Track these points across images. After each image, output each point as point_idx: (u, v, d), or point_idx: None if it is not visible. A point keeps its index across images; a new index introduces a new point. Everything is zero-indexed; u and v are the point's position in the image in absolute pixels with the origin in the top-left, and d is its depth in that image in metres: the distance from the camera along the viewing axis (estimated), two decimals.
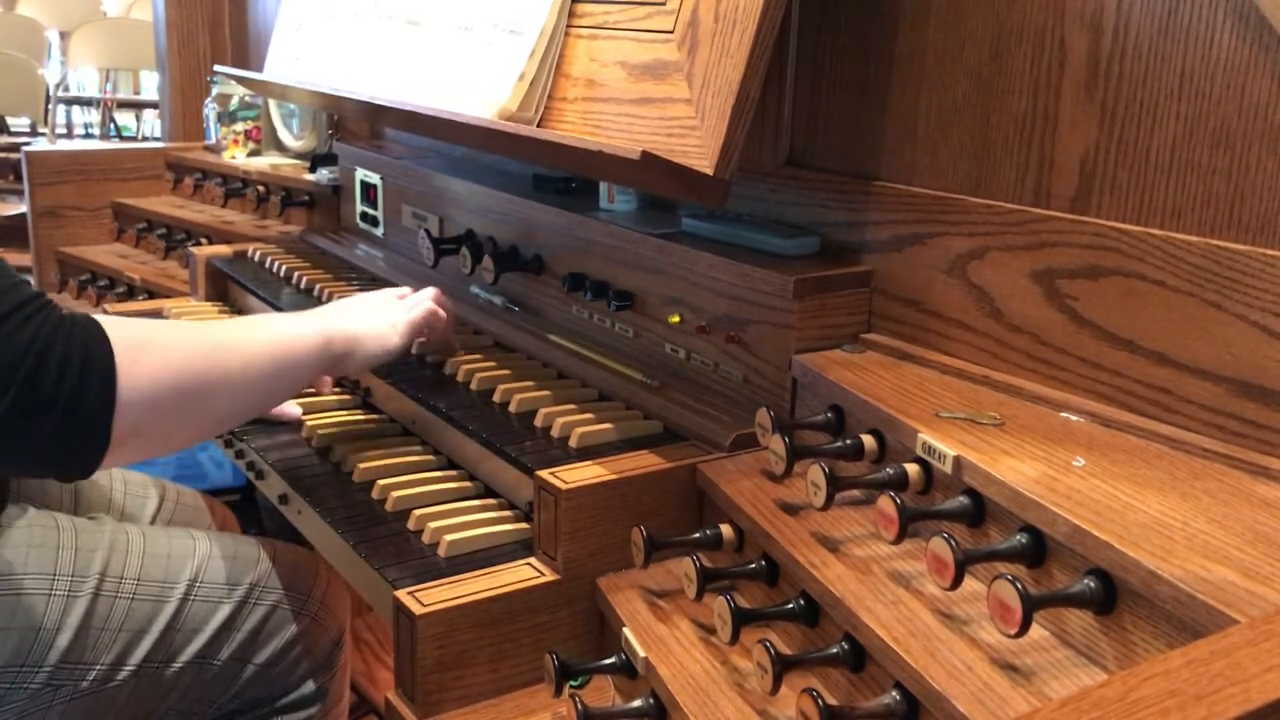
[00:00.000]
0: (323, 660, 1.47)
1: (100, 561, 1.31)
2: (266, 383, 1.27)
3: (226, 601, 1.37)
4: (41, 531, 1.29)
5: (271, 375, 1.27)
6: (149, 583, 1.34)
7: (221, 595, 1.37)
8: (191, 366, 1.15)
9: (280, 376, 1.30)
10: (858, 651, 0.99)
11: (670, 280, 1.51)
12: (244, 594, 1.39)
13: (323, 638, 1.46)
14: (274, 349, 1.27)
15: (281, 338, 1.30)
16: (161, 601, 1.33)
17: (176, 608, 1.34)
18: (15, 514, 1.30)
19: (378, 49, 1.74)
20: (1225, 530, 0.92)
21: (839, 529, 1.14)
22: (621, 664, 1.15)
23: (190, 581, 1.36)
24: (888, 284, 1.39)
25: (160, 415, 1.12)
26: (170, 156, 3.03)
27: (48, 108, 5.71)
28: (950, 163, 1.32)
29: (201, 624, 1.35)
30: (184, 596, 1.35)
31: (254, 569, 1.41)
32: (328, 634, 1.47)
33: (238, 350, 1.22)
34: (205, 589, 1.37)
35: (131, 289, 2.68)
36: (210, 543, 1.42)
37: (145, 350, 1.09)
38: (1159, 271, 1.12)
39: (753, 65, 1.19)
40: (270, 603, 1.41)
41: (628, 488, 1.26)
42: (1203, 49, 1.07)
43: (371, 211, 2.21)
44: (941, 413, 1.17)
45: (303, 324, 1.35)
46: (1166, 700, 0.64)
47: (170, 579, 1.35)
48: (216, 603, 1.37)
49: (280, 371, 1.29)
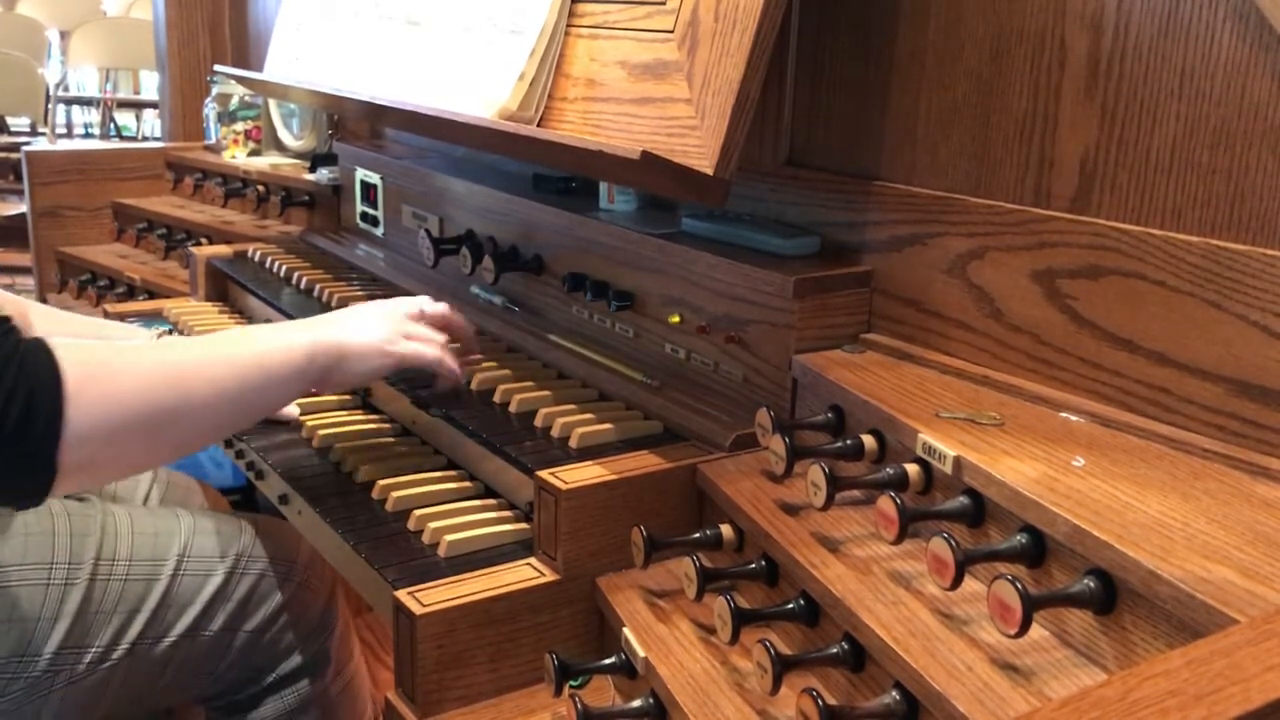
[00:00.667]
0: (315, 622, 1.48)
1: (94, 546, 1.32)
2: (236, 406, 1.20)
3: (215, 574, 1.39)
4: (36, 518, 1.30)
5: (243, 397, 1.20)
6: (140, 562, 1.35)
7: (210, 568, 1.39)
8: (148, 396, 1.09)
9: (255, 396, 1.22)
10: (858, 651, 0.99)
11: (670, 280, 1.51)
12: (231, 564, 1.40)
13: (312, 601, 1.48)
14: (247, 370, 1.20)
15: (258, 357, 1.22)
16: (153, 579, 1.35)
17: (167, 584, 1.35)
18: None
19: (378, 49, 1.74)
20: (1225, 530, 0.92)
21: (839, 529, 1.14)
22: (621, 664, 1.15)
23: (179, 557, 1.37)
24: (888, 284, 1.39)
25: (114, 445, 1.07)
26: (170, 156, 3.03)
27: (48, 107, 5.71)
28: (950, 163, 1.32)
29: (193, 597, 1.37)
30: (174, 572, 1.36)
31: (238, 540, 1.43)
32: (316, 596, 1.49)
33: (204, 374, 1.16)
34: (193, 563, 1.38)
35: (131, 289, 2.68)
36: (194, 518, 1.43)
37: (96, 381, 1.04)
38: (1159, 271, 1.12)
39: (753, 65, 1.19)
40: (257, 571, 1.42)
41: (628, 488, 1.26)
42: (1203, 49, 1.07)
43: (371, 211, 2.21)
44: (941, 413, 1.17)
45: (287, 339, 1.27)
46: (1166, 700, 0.64)
47: (159, 556, 1.36)
48: (205, 575, 1.38)
49: (255, 391, 1.21)
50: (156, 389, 1.10)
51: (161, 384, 1.10)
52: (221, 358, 1.18)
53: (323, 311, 1.86)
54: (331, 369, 1.29)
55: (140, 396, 1.08)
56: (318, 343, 1.27)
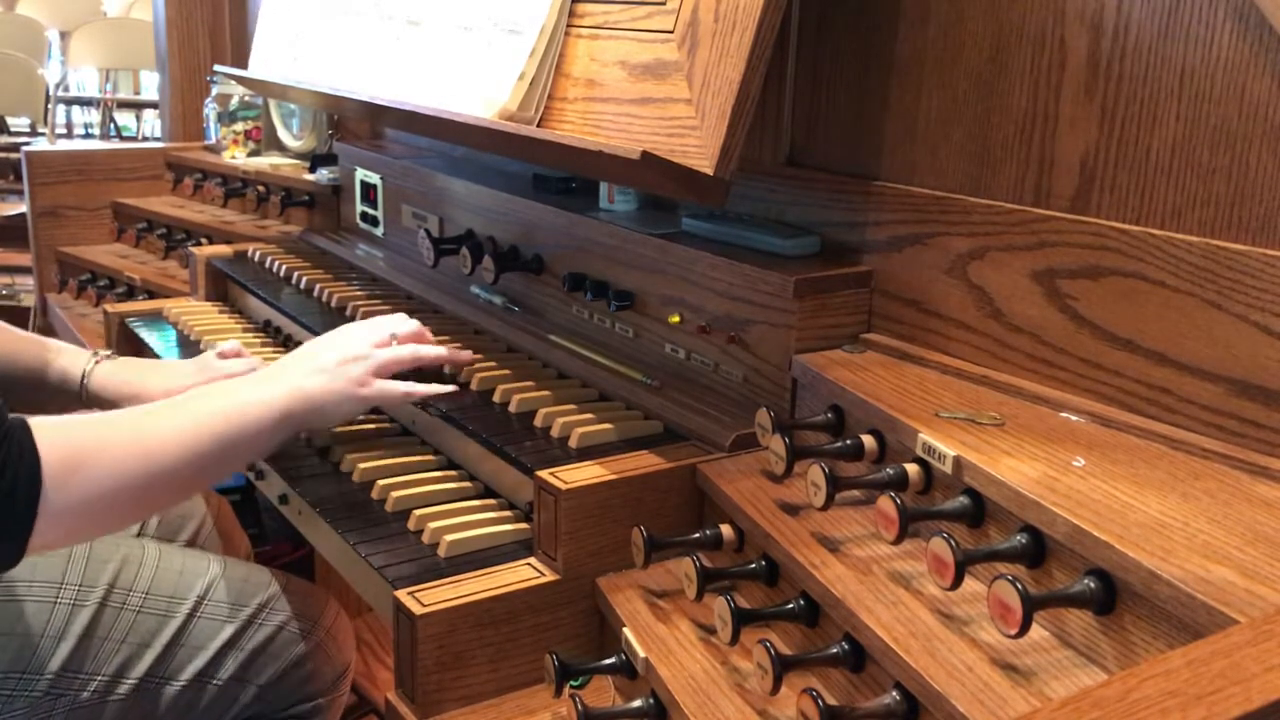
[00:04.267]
0: (325, 688, 1.46)
1: (111, 573, 1.31)
2: (214, 469, 1.25)
3: (232, 620, 1.37)
4: None
5: (221, 459, 1.24)
6: (157, 597, 1.34)
7: (228, 614, 1.37)
8: (128, 479, 1.13)
9: (233, 456, 1.26)
10: (858, 652, 0.99)
11: (670, 280, 1.51)
12: (250, 614, 1.39)
13: (327, 666, 1.46)
14: (224, 433, 1.23)
15: (234, 417, 1.24)
16: (168, 616, 1.33)
17: (182, 623, 1.34)
18: None
19: (378, 48, 1.74)
20: (1225, 530, 0.92)
21: (839, 529, 1.14)
22: (621, 664, 1.15)
23: (199, 599, 1.36)
24: (888, 284, 1.39)
25: (93, 523, 1.14)
26: (170, 156, 3.03)
27: (48, 108, 5.72)
28: (950, 163, 1.32)
29: (205, 641, 1.35)
30: (190, 613, 1.35)
31: (264, 592, 1.41)
32: (333, 663, 1.47)
33: (183, 445, 1.18)
34: (212, 607, 1.37)
35: (131, 289, 2.68)
36: (223, 565, 1.42)
37: (77, 472, 1.09)
38: (1159, 271, 1.12)
39: (753, 65, 1.19)
40: (276, 624, 1.40)
41: (628, 488, 1.26)
42: (1203, 49, 1.07)
43: (371, 211, 2.21)
44: (941, 413, 1.17)
45: (262, 398, 1.28)
46: (1166, 700, 0.64)
47: (179, 594, 1.35)
48: (222, 621, 1.37)
49: (233, 452, 1.25)
50: (132, 470, 1.14)
51: (137, 465, 1.14)
52: (199, 423, 1.21)
53: (323, 312, 1.89)
54: (306, 421, 1.34)
55: (120, 481, 1.13)
56: (293, 398, 1.30)
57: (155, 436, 1.17)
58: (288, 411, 1.30)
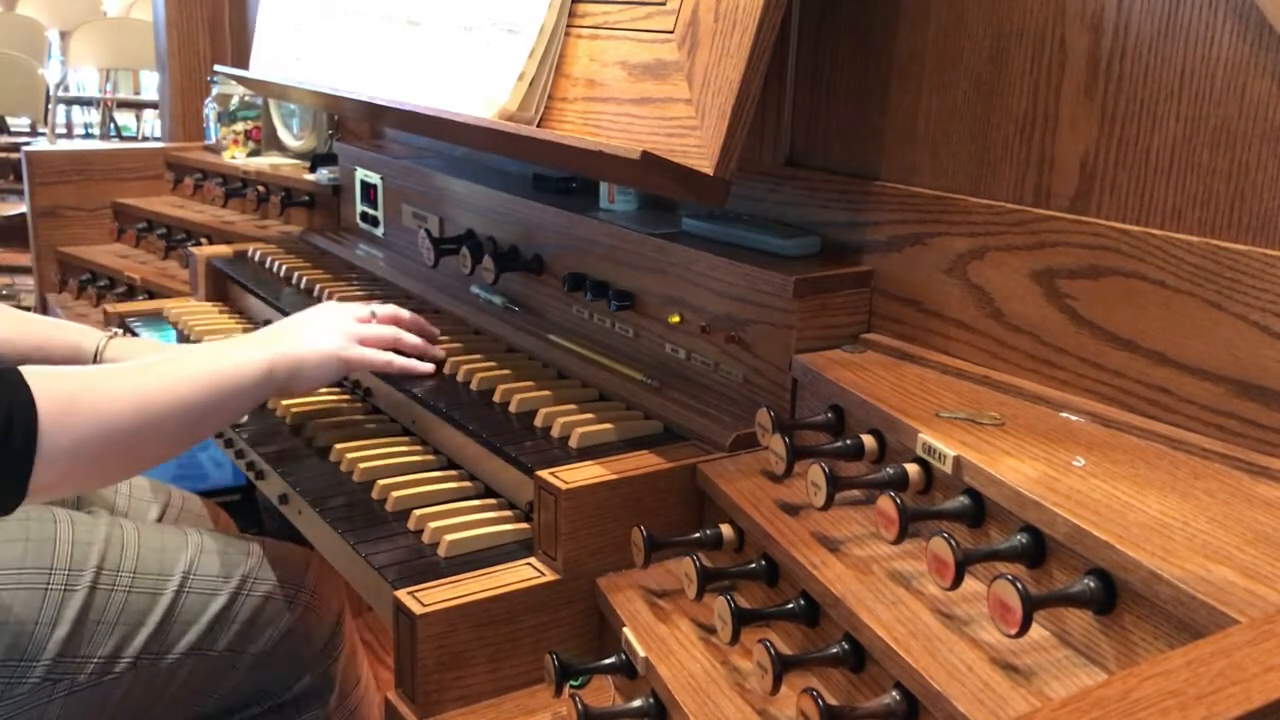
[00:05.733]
0: (321, 646, 1.48)
1: (97, 555, 1.32)
2: (199, 422, 1.27)
3: (220, 593, 1.39)
4: (39, 525, 1.31)
5: (205, 416, 1.27)
6: (144, 575, 1.35)
7: (215, 587, 1.39)
8: (120, 423, 1.16)
9: (216, 413, 1.30)
10: (858, 651, 0.99)
11: (670, 280, 1.51)
12: (237, 585, 1.41)
13: (318, 625, 1.48)
14: (212, 386, 1.27)
15: (222, 372, 1.29)
16: (157, 594, 1.35)
17: (172, 600, 1.36)
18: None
19: (378, 48, 1.74)
20: (1225, 530, 0.92)
21: (839, 529, 1.14)
22: (621, 664, 1.15)
23: (184, 574, 1.38)
24: (888, 284, 1.39)
25: (87, 468, 1.16)
26: (170, 156, 3.03)
27: (48, 108, 5.72)
28: (950, 163, 1.32)
29: (196, 615, 1.37)
30: (179, 589, 1.37)
31: (245, 561, 1.43)
32: (323, 621, 1.49)
33: (172, 394, 1.22)
34: (199, 581, 1.39)
35: (131, 289, 2.68)
36: (201, 537, 1.44)
37: (71, 414, 1.11)
38: (1159, 271, 1.12)
39: (753, 65, 1.19)
40: (263, 593, 1.43)
41: (628, 488, 1.26)
42: (1203, 49, 1.07)
43: (372, 211, 2.21)
44: (941, 413, 1.17)
45: (248, 356, 1.33)
46: (1166, 700, 0.64)
47: (165, 571, 1.37)
48: (210, 594, 1.39)
49: (216, 408, 1.29)
50: (126, 416, 1.17)
51: (131, 411, 1.17)
52: (188, 377, 1.25)
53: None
54: (290, 380, 1.39)
55: (113, 425, 1.16)
56: (276, 358, 1.36)
57: (147, 385, 1.20)
58: (271, 368, 1.34)
